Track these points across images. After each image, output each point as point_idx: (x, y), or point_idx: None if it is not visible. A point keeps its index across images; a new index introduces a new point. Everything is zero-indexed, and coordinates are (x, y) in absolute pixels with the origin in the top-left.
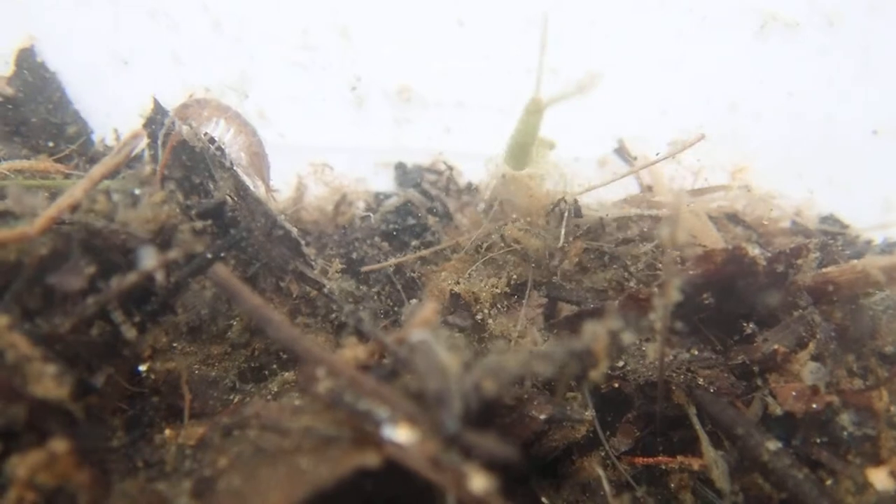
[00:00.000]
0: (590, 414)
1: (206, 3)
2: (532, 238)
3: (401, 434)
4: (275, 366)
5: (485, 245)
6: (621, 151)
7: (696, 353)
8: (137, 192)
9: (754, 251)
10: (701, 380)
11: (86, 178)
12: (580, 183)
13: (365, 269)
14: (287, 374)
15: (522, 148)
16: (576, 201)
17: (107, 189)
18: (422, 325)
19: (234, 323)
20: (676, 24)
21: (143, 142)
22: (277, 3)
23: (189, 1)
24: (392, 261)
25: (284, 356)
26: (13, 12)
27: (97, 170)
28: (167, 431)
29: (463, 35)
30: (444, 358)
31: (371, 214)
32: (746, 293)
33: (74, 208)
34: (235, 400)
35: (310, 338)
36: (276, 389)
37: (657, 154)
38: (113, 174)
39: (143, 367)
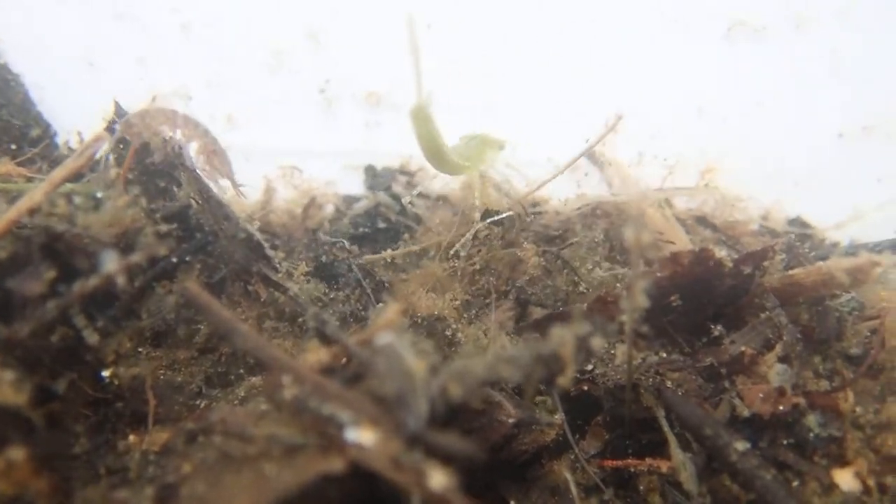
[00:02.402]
0: (559, 417)
1: (174, 6)
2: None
3: (363, 436)
4: (242, 371)
5: (451, 253)
6: (591, 155)
7: (665, 355)
8: (100, 195)
9: (721, 253)
10: (669, 382)
11: (46, 182)
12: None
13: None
14: (254, 378)
15: (435, 153)
16: (522, 206)
17: (69, 192)
18: (385, 327)
19: (202, 328)
20: (646, 27)
21: (106, 145)
22: (246, 8)
23: (157, 4)
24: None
25: (251, 361)
26: None
27: (57, 173)
28: (131, 437)
29: (432, 38)
30: (410, 361)
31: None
32: (713, 295)
33: (34, 212)
34: (202, 405)
35: (275, 346)
36: (242, 394)
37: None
38: (76, 177)
39: (106, 373)
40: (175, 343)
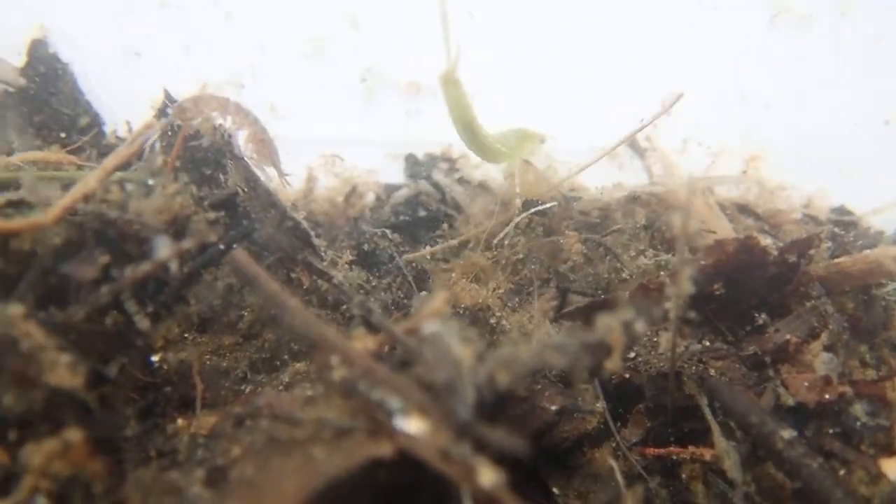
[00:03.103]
0: (601, 405)
1: None
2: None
3: (412, 425)
4: (286, 356)
5: (494, 243)
6: (632, 143)
7: (708, 343)
8: (151, 182)
9: (766, 241)
10: (713, 370)
11: (99, 169)
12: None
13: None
14: (299, 364)
15: (467, 127)
16: (563, 196)
17: (120, 180)
18: (431, 315)
19: (246, 314)
20: (688, 15)
21: (156, 133)
22: None
23: None
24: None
25: (296, 347)
26: (27, 3)
27: (111, 160)
28: (179, 421)
29: (474, 26)
30: (457, 349)
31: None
32: (758, 283)
33: (88, 198)
34: (247, 390)
35: (326, 325)
36: (287, 380)
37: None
38: (125, 165)
39: (155, 358)
40: (220, 329)
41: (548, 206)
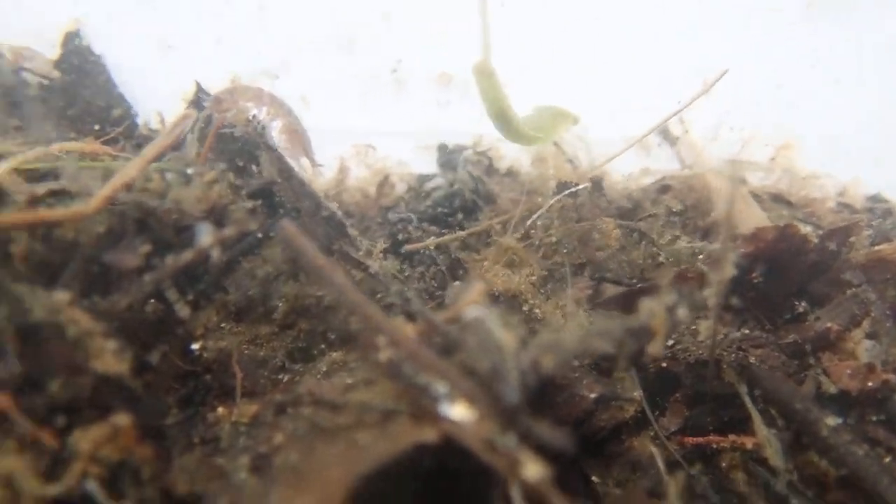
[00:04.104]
0: (638, 394)
1: None
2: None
3: (458, 412)
4: (322, 346)
5: (527, 224)
6: (664, 132)
7: (747, 331)
8: (189, 171)
9: (806, 229)
10: (752, 358)
11: (139, 158)
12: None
13: (408, 247)
14: (335, 354)
15: (501, 116)
16: (592, 180)
17: (159, 169)
18: (472, 302)
19: (280, 304)
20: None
21: (190, 124)
22: None
23: None
24: (431, 240)
25: (332, 336)
26: None
27: (150, 150)
28: (220, 409)
29: (505, 17)
30: (500, 335)
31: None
32: (798, 271)
33: (128, 187)
34: (285, 379)
35: (373, 304)
36: (325, 369)
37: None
38: (159, 156)
39: (195, 346)
40: (256, 318)
41: (581, 186)
